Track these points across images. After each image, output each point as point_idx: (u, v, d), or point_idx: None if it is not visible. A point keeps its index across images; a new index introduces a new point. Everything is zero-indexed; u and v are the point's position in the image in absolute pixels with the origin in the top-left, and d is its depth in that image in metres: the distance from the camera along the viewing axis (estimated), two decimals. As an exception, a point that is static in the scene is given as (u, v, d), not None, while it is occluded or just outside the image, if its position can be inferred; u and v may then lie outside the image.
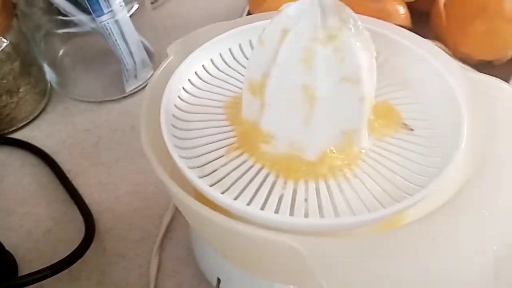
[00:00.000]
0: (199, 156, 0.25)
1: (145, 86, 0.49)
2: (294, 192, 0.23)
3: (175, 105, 0.28)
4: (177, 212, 0.39)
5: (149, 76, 0.50)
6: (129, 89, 0.49)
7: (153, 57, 0.50)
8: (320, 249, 0.20)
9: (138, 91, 0.50)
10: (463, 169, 0.23)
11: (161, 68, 0.29)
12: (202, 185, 0.22)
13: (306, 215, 0.21)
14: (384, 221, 0.22)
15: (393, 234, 0.20)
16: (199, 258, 0.34)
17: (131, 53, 0.46)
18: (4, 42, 0.42)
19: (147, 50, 0.49)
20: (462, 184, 0.22)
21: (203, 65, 0.30)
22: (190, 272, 0.36)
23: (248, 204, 0.22)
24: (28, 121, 0.47)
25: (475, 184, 0.22)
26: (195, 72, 0.30)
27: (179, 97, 0.28)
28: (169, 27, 0.57)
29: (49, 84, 0.49)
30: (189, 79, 0.29)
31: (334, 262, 0.20)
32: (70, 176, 0.42)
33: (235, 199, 0.22)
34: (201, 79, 0.30)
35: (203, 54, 0.30)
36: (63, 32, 0.45)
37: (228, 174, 0.24)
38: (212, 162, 0.25)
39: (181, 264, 0.36)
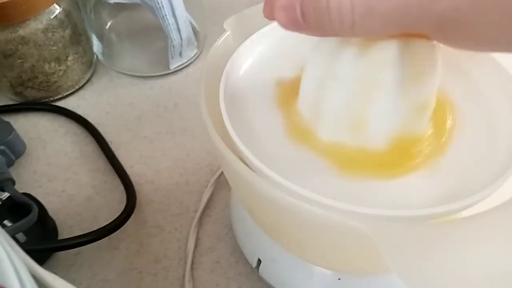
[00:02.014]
0: (255, 137, 0.24)
1: (189, 63, 0.50)
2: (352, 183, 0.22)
3: (234, 82, 0.27)
4: (216, 190, 0.39)
5: (193, 54, 0.50)
6: (173, 66, 0.49)
7: (198, 36, 0.50)
8: (391, 234, 0.19)
9: (181, 68, 0.50)
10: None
11: (220, 41, 0.29)
12: (261, 166, 0.22)
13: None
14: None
15: (465, 223, 0.19)
16: (239, 237, 0.34)
17: (179, 29, 0.45)
18: (57, 8, 0.42)
19: (193, 29, 0.49)
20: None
21: (266, 44, 0.30)
22: (228, 250, 0.36)
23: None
24: (73, 90, 0.47)
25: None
26: (256, 52, 0.29)
27: (237, 74, 0.28)
28: (214, 7, 0.57)
29: (95, 56, 0.50)
30: (250, 58, 0.29)
31: (405, 248, 0.20)
32: (112, 147, 0.42)
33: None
34: (261, 59, 0.29)
35: (266, 33, 0.30)
36: (113, 4, 0.45)
37: (285, 161, 0.23)
38: (268, 146, 0.24)
39: (218, 241, 0.36)
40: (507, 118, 0.24)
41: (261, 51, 0.30)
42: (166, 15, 0.44)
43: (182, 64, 0.49)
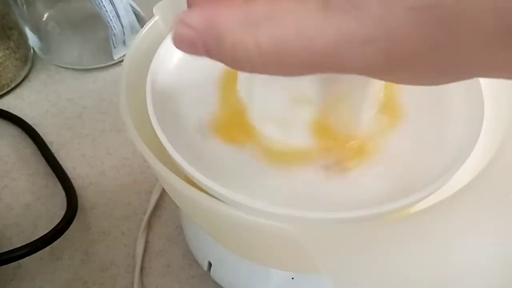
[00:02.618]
0: (187, 135, 0.22)
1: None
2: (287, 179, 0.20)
3: (163, 75, 0.25)
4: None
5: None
6: (117, 56, 0.46)
7: (143, 22, 0.47)
8: (319, 235, 0.17)
9: (127, 58, 0.46)
10: (484, 151, 0.20)
11: (146, 29, 0.26)
12: (191, 170, 0.19)
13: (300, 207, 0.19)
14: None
15: (403, 222, 0.18)
16: (190, 240, 0.32)
17: (118, 16, 0.42)
18: (-21, 1, 0.38)
19: (136, 14, 0.45)
20: (483, 168, 0.19)
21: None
22: (180, 252, 0.33)
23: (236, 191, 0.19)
24: (8, 89, 0.44)
25: (497, 167, 0.19)
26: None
27: (168, 65, 0.25)
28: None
29: (31, 50, 0.46)
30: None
31: (334, 249, 0.18)
32: (53, 148, 0.39)
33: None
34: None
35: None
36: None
37: (217, 158, 0.21)
38: (200, 144, 0.22)
39: (170, 243, 0.34)
40: (461, 105, 0.22)
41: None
42: (102, 1, 0.41)
43: (126, 54, 0.46)
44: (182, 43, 0.15)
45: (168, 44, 0.25)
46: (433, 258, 0.18)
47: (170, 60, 0.26)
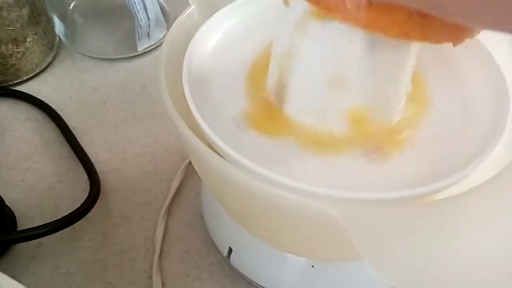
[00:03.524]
0: (223, 126, 0.23)
1: (158, 45, 0.47)
2: (327, 166, 0.21)
3: (198, 61, 0.26)
4: (186, 177, 0.37)
5: (162, 36, 0.48)
6: (141, 47, 0.46)
7: (168, 17, 0.48)
8: (361, 218, 0.18)
9: (150, 51, 0.47)
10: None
11: (183, 17, 0.27)
12: (224, 146, 0.20)
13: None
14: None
15: (436, 206, 0.18)
16: (210, 226, 0.32)
17: (145, 8, 0.43)
18: (12, -14, 0.39)
19: (161, 8, 0.46)
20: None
21: (234, 21, 0.28)
22: (198, 239, 0.34)
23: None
24: (34, 73, 0.44)
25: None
26: (224, 28, 0.27)
27: (203, 53, 0.26)
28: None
29: (57, 37, 0.47)
30: (216, 35, 0.27)
31: (375, 231, 0.18)
32: (76, 133, 0.40)
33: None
34: (229, 37, 0.27)
35: (233, 9, 0.28)
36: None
37: (255, 149, 0.22)
38: (237, 135, 0.22)
39: (189, 230, 0.35)
40: (484, 98, 0.23)
41: (228, 27, 0.28)
42: (131, -7, 0.42)
43: (150, 46, 0.47)
44: None
45: (203, 32, 0.26)
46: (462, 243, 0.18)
47: (205, 47, 0.27)
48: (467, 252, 0.18)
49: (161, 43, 0.47)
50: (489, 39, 0.25)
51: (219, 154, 0.20)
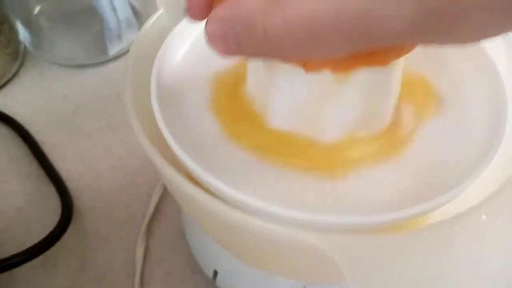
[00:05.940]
0: (192, 134, 0.21)
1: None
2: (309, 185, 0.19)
3: (168, 71, 0.23)
4: (166, 192, 0.35)
5: (134, 37, 0.45)
6: (112, 51, 0.44)
7: (140, 17, 0.45)
8: (351, 248, 0.16)
9: (122, 54, 0.44)
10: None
11: (150, 23, 0.24)
12: (197, 169, 0.18)
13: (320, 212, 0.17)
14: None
15: (430, 231, 0.16)
16: (193, 246, 0.30)
17: (114, 9, 0.41)
18: (-33, -7, 0.36)
19: (133, 9, 0.44)
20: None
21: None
22: (182, 259, 0.32)
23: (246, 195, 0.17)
24: (-2, 86, 0.42)
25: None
26: (196, 33, 0.25)
27: (173, 62, 0.24)
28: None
29: (22, 45, 0.44)
30: (188, 40, 0.25)
31: (365, 262, 0.16)
32: (45, 148, 0.37)
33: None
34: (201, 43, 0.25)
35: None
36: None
37: (230, 163, 0.19)
38: (206, 142, 0.20)
39: (171, 249, 0.32)
40: (484, 106, 0.21)
41: (201, 32, 0.25)
42: (97, -6, 0.39)
43: (122, 49, 0.44)
44: (215, 39, 0.15)
45: (173, 37, 0.24)
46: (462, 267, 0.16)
47: (176, 54, 0.24)
48: (464, 276, 0.17)
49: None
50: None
51: (195, 178, 0.18)
